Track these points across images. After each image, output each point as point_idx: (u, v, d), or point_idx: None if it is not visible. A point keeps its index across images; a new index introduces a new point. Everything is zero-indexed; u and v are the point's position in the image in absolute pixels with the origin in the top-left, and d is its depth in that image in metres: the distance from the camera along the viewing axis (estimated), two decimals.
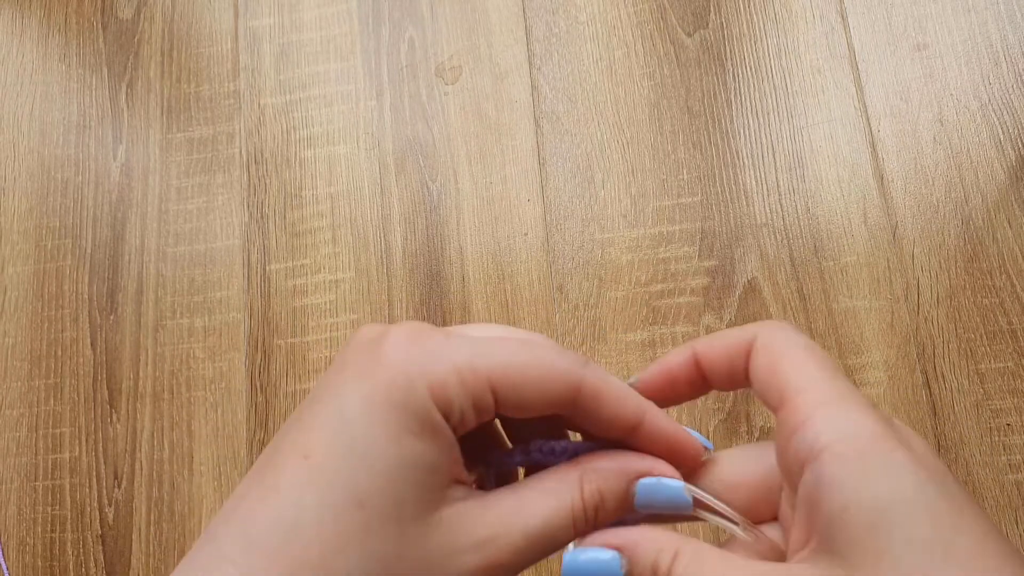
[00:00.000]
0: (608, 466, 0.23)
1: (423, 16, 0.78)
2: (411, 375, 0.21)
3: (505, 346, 0.22)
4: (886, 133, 0.68)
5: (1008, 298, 0.63)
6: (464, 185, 0.73)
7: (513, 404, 0.22)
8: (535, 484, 0.23)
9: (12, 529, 0.71)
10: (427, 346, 0.22)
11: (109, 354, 0.73)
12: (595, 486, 0.23)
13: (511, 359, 0.22)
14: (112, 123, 0.80)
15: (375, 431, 0.21)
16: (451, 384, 0.21)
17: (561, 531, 0.23)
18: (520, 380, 0.22)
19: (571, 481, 0.23)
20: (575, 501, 0.23)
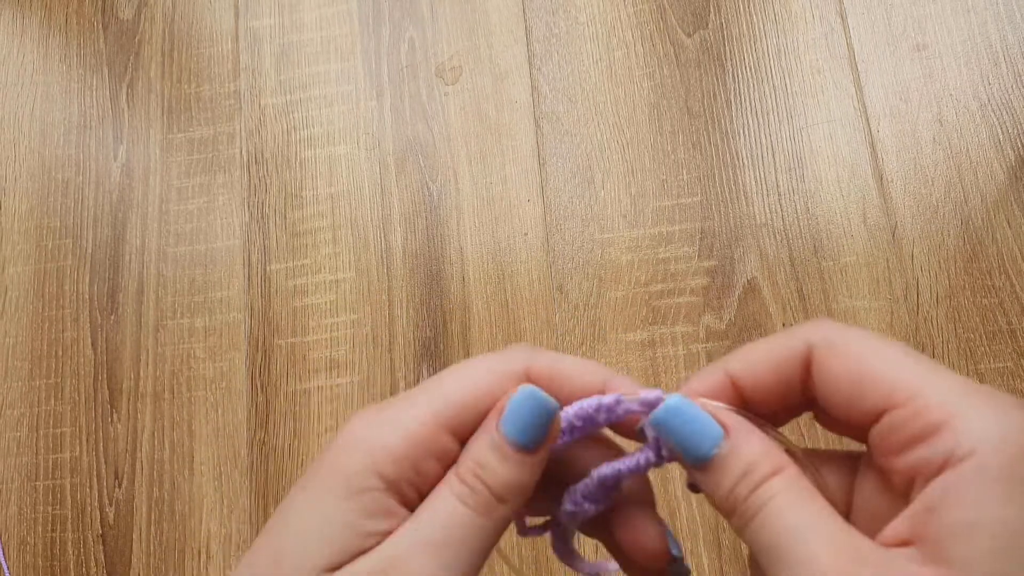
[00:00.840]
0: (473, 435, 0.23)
1: (423, 16, 0.78)
2: (352, 451, 0.21)
3: (441, 384, 0.23)
4: (886, 133, 0.68)
5: (1007, 298, 0.64)
6: (464, 185, 0.73)
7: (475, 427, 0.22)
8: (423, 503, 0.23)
9: (13, 528, 0.71)
10: (376, 421, 0.22)
11: (110, 354, 0.74)
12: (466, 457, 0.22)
13: (458, 392, 0.22)
14: (113, 123, 0.80)
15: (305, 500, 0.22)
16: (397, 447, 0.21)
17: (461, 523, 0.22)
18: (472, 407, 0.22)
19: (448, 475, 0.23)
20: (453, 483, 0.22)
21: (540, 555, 0.64)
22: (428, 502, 0.22)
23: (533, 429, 0.22)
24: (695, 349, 0.66)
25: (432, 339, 0.70)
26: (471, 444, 0.22)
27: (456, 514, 0.21)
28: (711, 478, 0.21)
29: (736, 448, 0.21)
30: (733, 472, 0.20)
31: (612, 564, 0.24)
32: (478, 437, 0.22)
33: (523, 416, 0.22)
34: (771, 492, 0.20)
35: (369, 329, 0.71)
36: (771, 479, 0.20)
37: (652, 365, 0.66)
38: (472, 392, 0.22)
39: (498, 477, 0.22)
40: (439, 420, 0.22)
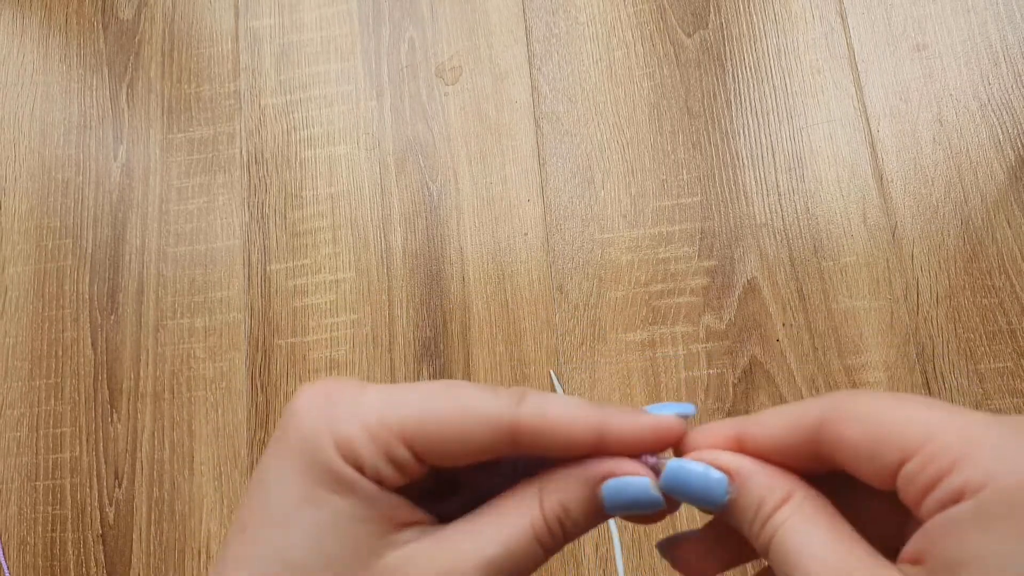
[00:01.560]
0: (568, 474, 0.22)
1: (423, 16, 0.78)
2: (318, 434, 0.21)
3: (421, 394, 0.22)
4: (885, 133, 0.68)
5: (1007, 298, 0.64)
6: (464, 185, 0.73)
7: (436, 455, 0.21)
8: (492, 508, 0.22)
9: (13, 528, 0.71)
10: (336, 404, 0.22)
11: (110, 354, 0.74)
12: (555, 499, 0.22)
13: (426, 408, 0.21)
14: (113, 123, 0.80)
15: (291, 494, 0.21)
16: (357, 441, 0.21)
17: (525, 554, 0.22)
18: (437, 430, 0.21)
19: (529, 499, 0.22)
20: (535, 520, 0.22)
21: None
22: (500, 522, 0.22)
23: (630, 510, 0.22)
24: (695, 349, 0.66)
25: (432, 339, 0.70)
26: (561, 485, 0.22)
27: (529, 549, 0.21)
28: (733, 519, 0.22)
29: (744, 489, 0.21)
30: (747, 511, 0.21)
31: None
32: (574, 486, 0.22)
33: (632, 501, 0.22)
34: (780, 520, 0.21)
35: (369, 329, 0.71)
36: (780, 508, 0.21)
37: (652, 365, 0.66)
38: (449, 426, 0.21)
39: (578, 529, 0.22)
40: (403, 432, 0.21)
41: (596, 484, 0.22)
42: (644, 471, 0.22)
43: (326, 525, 0.21)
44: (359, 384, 0.22)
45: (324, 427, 0.21)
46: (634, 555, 0.63)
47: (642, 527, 0.63)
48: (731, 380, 0.65)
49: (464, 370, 0.69)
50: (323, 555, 0.20)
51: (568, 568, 0.63)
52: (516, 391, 0.22)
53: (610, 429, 0.22)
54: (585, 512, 0.22)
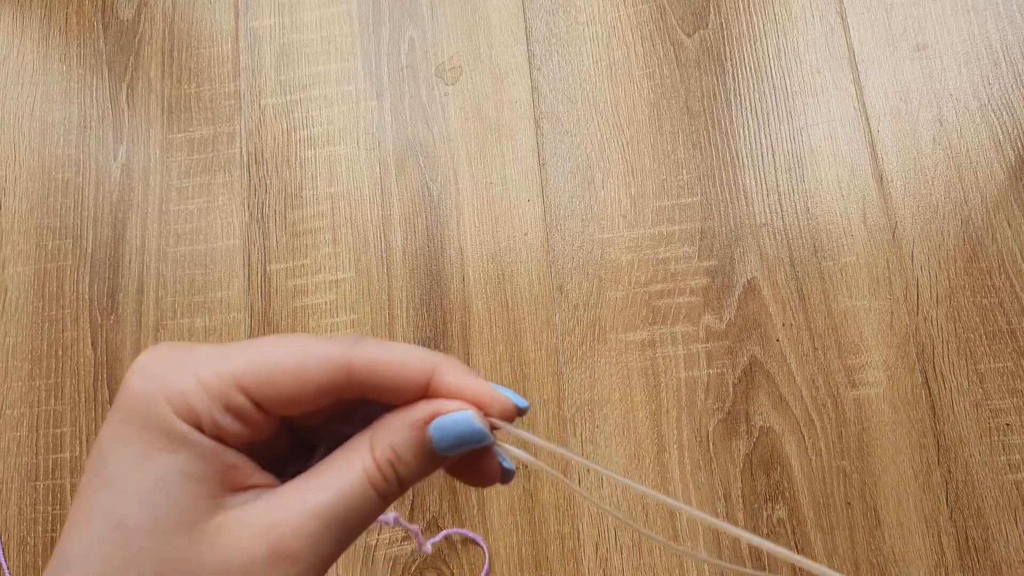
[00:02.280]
0: (396, 419, 0.23)
1: (423, 16, 0.78)
2: (150, 393, 0.21)
3: (254, 345, 0.22)
4: (885, 133, 0.68)
5: (1007, 298, 0.64)
6: (464, 185, 0.73)
7: (275, 400, 0.21)
8: (325, 461, 0.23)
9: (13, 529, 0.71)
10: (169, 361, 0.22)
11: (110, 354, 0.74)
12: (385, 443, 0.22)
13: (260, 355, 0.22)
14: (113, 123, 0.80)
15: (125, 456, 0.21)
16: (191, 392, 0.21)
17: (361, 501, 0.22)
18: (272, 373, 0.21)
19: (360, 447, 0.22)
20: (367, 465, 0.22)
21: (540, 555, 0.64)
22: (335, 472, 0.22)
23: (459, 448, 0.23)
24: (695, 349, 0.66)
25: (432, 339, 0.70)
26: (391, 430, 0.22)
27: (364, 495, 0.22)
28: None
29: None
30: None
31: None
32: (402, 428, 0.22)
33: (458, 437, 0.22)
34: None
35: (369, 329, 0.71)
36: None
37: (652, 365, 0.66)
38: (284, 368, 0.22)
39: (410, 472, 0.22)
40: (237, 378, 0.21)
41: (423, 424, 0.22)
42: (468, 407, 0.23)
43: (157, 484, 0.20)
44: (193, 344, 0.22)
45: (157, 385, 0.21)
46: (634, 555, 0.63)
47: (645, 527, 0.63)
48: (731, 380, 0.65)
49: None
50: (153, 515, 0.20)
51: (568, 568, 0.63)
52: (353, 335, 0.23)
53: (439, 374, 0.23)
54: (415, 453, 0.22)
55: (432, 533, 0.65)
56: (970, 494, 0.61)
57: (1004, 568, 0.59)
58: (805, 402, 0.64)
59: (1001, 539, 0.60)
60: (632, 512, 0.63)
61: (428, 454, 0.23)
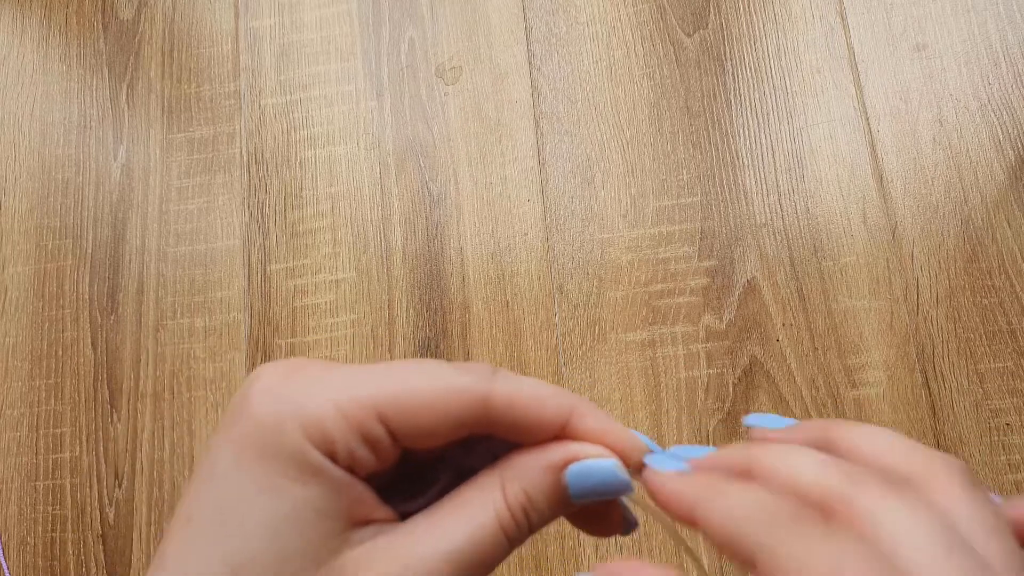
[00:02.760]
0: (530, 461, 0.21)
1: (423, 16, 0.78)
2: (281, 416, 0.19)
3: (392, 371, 0.20)
4: (885, 133, 0.68)
5: (1007, 298, 0.64)
6: (464, 185, 0.73)
7: (412, 431, 0.20)
8: (453, 500, 0.21)
9: (13, 528, 0.71)
10: (300, 382, 0.20)
11: (110, 354, 0.74)
12: (518, 486, 0.21)
13: (400, 383, 0.20)
14: (113, 123, 0.80)
15: (245, 484, 0.19)
16: (329, 419, 0.19)
17: (490, 545, 0.21)
18: (413, 404, 0.20)
19: (491, 487, 0.21)
20: (499, 509, 0.21)
21: (540, 555, 0.64)
22: (461, 512, 0.21)
23: (595, 495, 0.22)
24: (695, 349, 0.66)
25: (432, 339, 0.70)
26: (524, 472, 0.21)
27: (495, 540, 0.21)
28: None
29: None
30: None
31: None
32: (537, 471, 0.21)
33: (597, 485, 0.21)
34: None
35: (369, 329, 0.71)
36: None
37: (652, 365, 0.66)
38: (424, 398, 0.20)
39: (542, 518, 0.21)
40: (378, 406, 0.20)
41: (560, 469, 0.21)
42: (608, 454, 0.22)
43: (284, 518, 0.19)
44: (323, 362, 0.21)
45: (287, 408, 0.19)
46: (634, 554, 0.63)
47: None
48: (731, 380, 0.65)
49: None
50: (278, 552, 0.19)
51: (568, 568, 0.63)
52: (487, 366, 0.21)
53: (576, 417, 0.21)
54: (549, 499, 0.21)
55: None
56: None
57: None
58: (805, 402, 0.64)
59: None
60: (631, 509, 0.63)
61: (563, 500, 0.21)
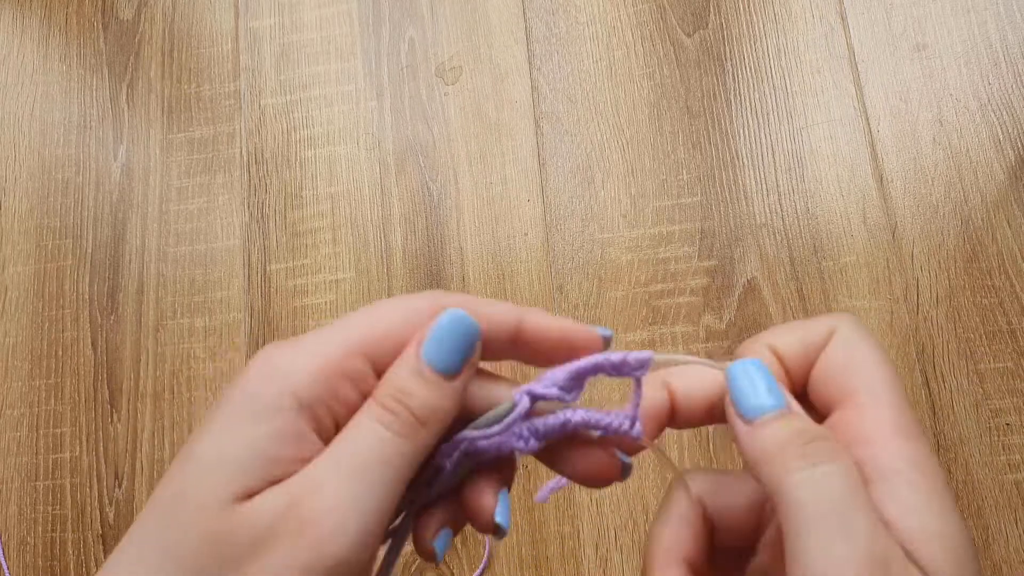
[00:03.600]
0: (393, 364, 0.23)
1: (423, 16, 0.78)
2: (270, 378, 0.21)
3: (359, 314, 0.23)
4: (885, 133, 0.68)
5: (1007, 298, 0.64)
6: (464, 185, 0.73)
7: (389, 354, 0.22)
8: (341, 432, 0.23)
9: (13, 529, 0.71)
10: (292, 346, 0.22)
11: (110, 354, 0.74)
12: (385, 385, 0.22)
13: (368, 318, 0.23)
14: (113, 123, 0.80)
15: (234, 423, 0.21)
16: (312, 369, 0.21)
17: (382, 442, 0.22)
18: (384, 331, 0.22)
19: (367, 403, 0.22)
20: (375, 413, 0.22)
21: (540, 555, 0.64)
22: (346, 430, 0.22)
23: (456, 353, 0.22)
24: (695, 349, 0.66)
25: None
26: (391, 372, 0.22)
27: (377, 438, 0.21)
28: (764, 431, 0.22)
29: (794, 411, 0.22)
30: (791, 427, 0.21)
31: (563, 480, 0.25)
32: (398, 364, 0.22)
33: (446, 340, 0.22)
34: (825, 457, 0.21)
35: None
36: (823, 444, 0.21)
37: None
38: (384, 324, 0.22)
39: (420, 400, 0.22)
40: (352, 347, 0.22)
41: (416, 347, 0.22)
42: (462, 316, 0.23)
43: (266, 434, 0.21)
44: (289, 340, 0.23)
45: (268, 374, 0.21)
46: (634, 555, 0.63)
47: (641, 530, 0.63)
48: None
49: None
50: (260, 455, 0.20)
51: (568, 568, 0.63)
52: (435, 291, 0.24)
53: (528, 319, 0.23)
54: (414, 377, 0.22)
55: None
56: (970, 494, 0.61)
57: (1004, 568, 0.59)
58: None
59: (1001, 539, 0.60)
60: (632, 510, 0.63)
61: (431, 376, 0.22)
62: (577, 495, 0.64)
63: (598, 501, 0.64)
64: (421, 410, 0.22)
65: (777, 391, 0.22)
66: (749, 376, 0.22)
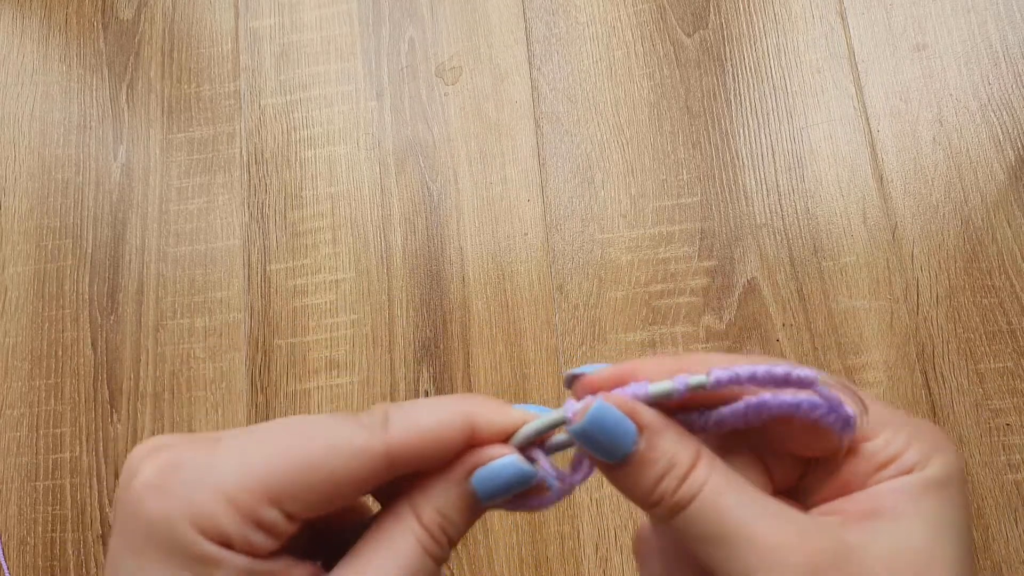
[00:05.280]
0: (437, 479, 0.21)
1: (423, 16, 0.78)
2: (171, 514, 0.19)
3: (278, 441, 0.20)
4: (886, 133, 0.68)
5: (1007, 298, 0.63)
6: (464, 185, 0.73)
7: (308, 507, 0.20)
8: (373, 538, 0.21)
9: (13, 529, 0.71)
10: (184, 473, 0.19)
11: (110, 354, 0.74)
12: (430, 507, 0.21)
13: (286, 458, 0.19)
14: (113, 123, 0.80)
15: None
16: (219, 512, 0.19)
17: (424, 570, 0.21)
18: (306, 480, 0.19)
19: (406, 516, 0.21)
20: (419, 534, 0.21)
21: (540, 555, 0.64)
22: (385, 542, 0.21)
23: (507, 495, 0.22)
24: (695, 349, 0.66)
25: (432, 339, 0.70)
26: (432, 492, 0.21)
27: (421, 565, 0.20)
28: (632, 478, 0.21)
29: (655, 443, 0.21)
30: (656, 468, 0.21)
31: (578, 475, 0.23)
32: (444, 488, 0.21)
33: (503, 484, 0.21)
34: (699, 481, 0.20)
35: (369, 329, 0.71)
36: (695, 468, 0.20)
37: None
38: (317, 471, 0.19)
39: (459, 530, 0.21)
40: (268, 491, 0.19)
41: (465, 479, 0.21)
42: (508, 450, 0.22)
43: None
44: (202, 442, 0.20)
45: (175, 504, 0.19)
46: None
47: None
48: None
49: (464, 370, 0.69)
50: None
51: (568, 568, 0.63)
52: (377, 412, 0.21)
53: (479, 420, 0.21)
54: (462, 511, 0.21)
55: None
56: (970, 494, 0.61)
57: (1004, 568, 0.59)
58: None
59: (1001, 539, 0.60)
60: (632, 510, 0.63)
61: (475, 508, 0.22)
62: (577, 495, 0.64)
63: (598, 501, 0.64)
64: (456, 540, 0.21)
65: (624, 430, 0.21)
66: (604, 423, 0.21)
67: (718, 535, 0.20)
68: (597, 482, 0.64)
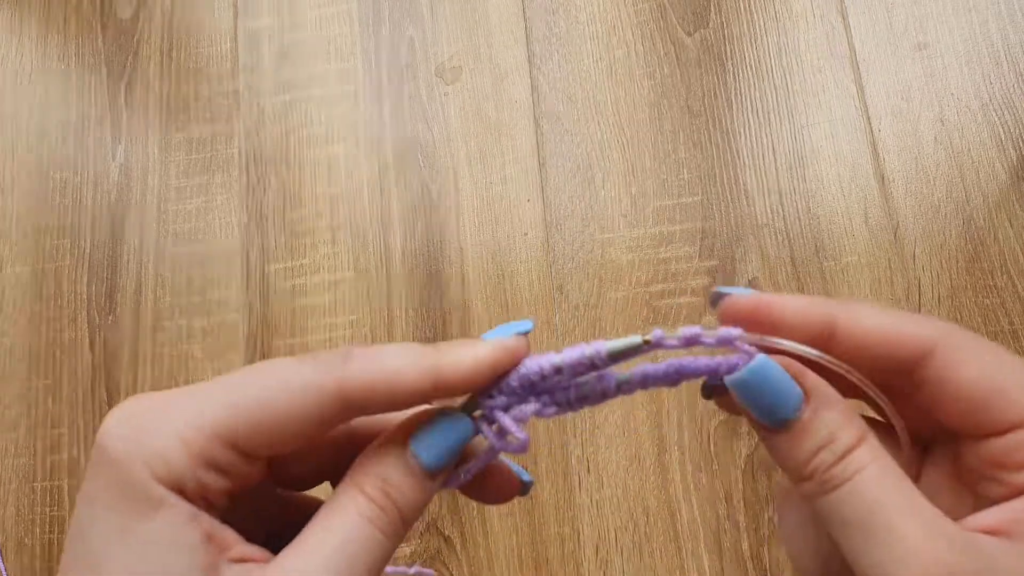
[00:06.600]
0: (374, 446, 0.21)
1: (423, 16, 0.78)
2: (127, 455, 0.19)
3: (231, 386, 0.20)
4: (887, 133, 0.68)
5: (1009, 298, 0.63)
6: (464, 185, 0.73)
7: (264, 445, 0.20)
8: (317, 516, 0.21)
9: (11, 530, 0.70)
10: (145, 419, 0.19)
11: (108, 354, 0.73)
12: (372, 474, 0.21)
13: (239, 400, 0.19)
14: (111, 123, 0.80)
15: (105, 527, 0.19)
16: (172, 451, 0.19)
17: (368, 543, 0.20)
18: (257, 418, 0.19)
19: (346, 489, 0.21)
20: (360, 506, 0.20)
21: (540, 557, 0.63)
22: (326, 519, 0.20)
23: (449, 453, 0.21)
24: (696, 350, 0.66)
25: (432, 340, 0.69)
26: (375, 459, 0.21)
27: (364, 535, 0.20)
28: (787, 442, 0.20)
29: (818, 415, 0.20)
30: (814, 439, 0.20)
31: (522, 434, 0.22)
32: (385, 453, 0.21)
33: (440, 442, 0.21)
34: (860, 463, 0.19)
35: (368, 329, 0.70)
36: (857, 449, 0.19)
37: None
38: (270, 410, 0.19)
39: (407, 499, 0.21)
40: (219, 431, 0.19)
41: (404, 442, 0.21)
42: (448, 408, 0.21)
43: (140, 558, 0.18)
44: (165, 394, 0.20)
45: (134, 446, 0.19)
46: (635, 557, 0.62)
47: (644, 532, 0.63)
48: None
49: None
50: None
51: (568, 570, 0.63)
52: (340, 351, 0.20)
53: (443, 367, 0.20)
54: (405, 475, 0.21)
55: (431, 534, 0.64)
56: None
57: None
58: None
59: None
60: (632, 511, 0.63)
61: (421, 472, 0.21)
62: (578, 496, 0.64)
63: (598, 503, 0.64)
64: (407, 509, 0.21)
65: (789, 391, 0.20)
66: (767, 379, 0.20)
67: (864, 523, 0.19)
68: (597, 483, 0.64)
